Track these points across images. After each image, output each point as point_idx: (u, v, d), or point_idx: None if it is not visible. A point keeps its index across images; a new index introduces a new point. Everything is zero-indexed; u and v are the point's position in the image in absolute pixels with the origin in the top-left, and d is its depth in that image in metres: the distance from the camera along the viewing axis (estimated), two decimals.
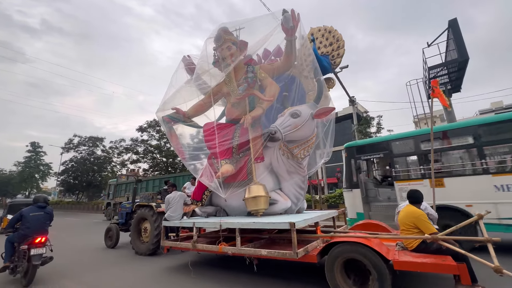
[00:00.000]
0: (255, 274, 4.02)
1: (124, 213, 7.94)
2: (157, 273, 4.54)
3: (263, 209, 4.42)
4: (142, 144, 26.97)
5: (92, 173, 35.58)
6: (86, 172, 35.03)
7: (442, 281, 3.49)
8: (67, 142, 36.17)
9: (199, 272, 4.33)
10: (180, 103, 5.65)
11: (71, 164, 35.18)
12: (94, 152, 36.43)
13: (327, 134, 4.61)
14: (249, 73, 5.16)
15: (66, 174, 35.29)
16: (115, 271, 4.83)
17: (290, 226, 3.20)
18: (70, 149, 35.75)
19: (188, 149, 5.52)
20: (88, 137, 36.26)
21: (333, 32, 6.08)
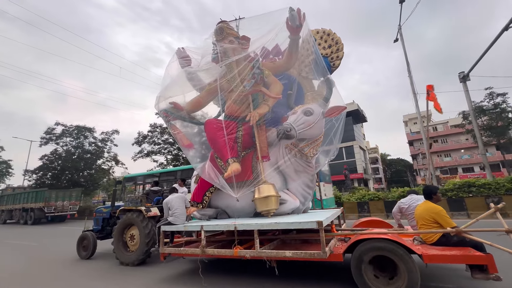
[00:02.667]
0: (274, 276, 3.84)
1: (100, 219, 7.13)
2: (160, 285, 4.09)
3: (274, 209, 4.27)
4: (160, 134, 23.03)
5: (77, 170, 28.42)
6: (71, 169, 27.87)
7: (449, 272, 3.70)
8: (46, 131, 28.31)
9: (209, 280, 3.99)
10: (177, 94, 5.24)
11: (52, 159, 27.68)
12: (83, 144, 29.45)
13: (336, 132, 4.64)
14: (256, 69, 4.99)
15: (42, 172, 27.81)
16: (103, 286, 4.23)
17: (318, 225, 3.11)
18: (51, 140, 28.20)
19: (195, 146, 5.13)
20: (74, 126, 29.17)
21: (332, 34, 6.21)
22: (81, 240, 6.75)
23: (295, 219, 3.57)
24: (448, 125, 42.46)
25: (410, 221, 4.17)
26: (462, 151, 39.21)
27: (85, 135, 29.62)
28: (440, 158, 40.44)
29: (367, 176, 39.50)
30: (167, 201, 4.67)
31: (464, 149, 39.06)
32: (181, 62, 5.74)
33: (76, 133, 29.05)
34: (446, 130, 41.78)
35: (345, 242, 3.92)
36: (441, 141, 42.26)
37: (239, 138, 5.09)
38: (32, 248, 8.84)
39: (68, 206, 20.56)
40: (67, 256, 6.93)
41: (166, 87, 5.38)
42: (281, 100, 5.44)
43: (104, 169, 30.38)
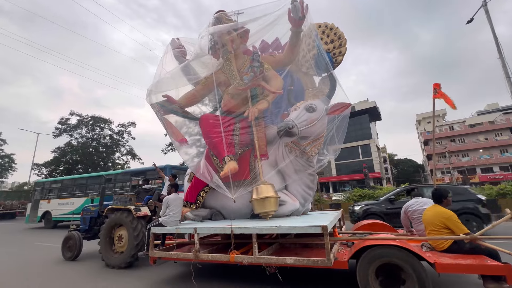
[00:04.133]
0: (272, 282, 3.59)
1: (87, 218, 6.75)
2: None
3: (273, 211, 4.01)
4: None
5: (93, 164, 25.69)
6: (87, 163, 25.30)
7: (458, 280, 3.51)
8: (60, 121, 25.70)
9: (202, 286, 3.71)
10: (171, 88, 4.91)
11: (66, 151, 25.20)
12: (99, 136, 26.97)
13: (339, 130, 4.41)
14: (255, 62, 4.70)
15: (54, 166, 25.22)
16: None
17: (323, 230, 2.86)
18: (64, 132, 25.73)
19: (190, 141, 4.82)
20: (90, 117, 26.47)
21: (335, 29, 5.96)
22: (66, 240, 6.36)
23: (296, 222, 3.32)
24: (466, 124, 41.85)
25: (416, 225, 3.97)
26: (481, 151, 38.52)
27: (101, 127, 27.17)
28: (457, 158, 39.71)
29: (382, 176, 39.02)
30: (168, 199, 4.31)
31: (483, 149, 38.29)
32: (175, 54, 5.41)
33: (92, 124, 26.59)
34: (464, 129, 41.08)
35: (348, 246, 3.70)
36: (459, 140, 41.47)
37: (237, 135, 4.81)
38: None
39: (17, 204, 22.26)
40: (50, 256, 6.54)
41: (159, 79, 5.05)
42: (281, 96, 5.19)
43: (119, 163, 28.03)
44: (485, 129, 39.40)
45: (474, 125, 41.15)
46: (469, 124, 41.39)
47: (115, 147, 27.40)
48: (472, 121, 42.07)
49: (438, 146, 40.12)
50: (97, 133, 26.97)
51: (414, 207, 4.01)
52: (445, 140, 41.75)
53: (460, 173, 36.66)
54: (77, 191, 13.27)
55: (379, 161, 38.76)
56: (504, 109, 40.99)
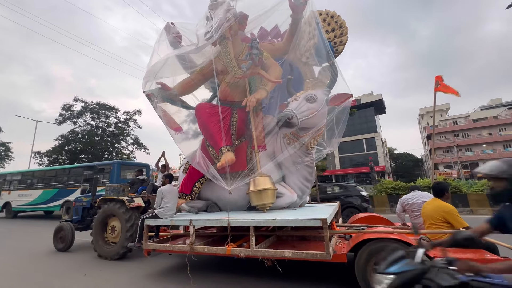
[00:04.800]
0: (269, 274, 3.55)
1: (80, 209, 6.61)
2: (142, 281, 3.71)
3: (270, 203, 3.94)
4: None
5: (100, 153, 24.02)
6: (94, 152, 23.50)
7: None
8: (63, 107, 23.84)
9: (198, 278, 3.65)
10: (166, 76, 4.71)
11: (70, 139, 23.54)
12: (107, 125, 25.24)
13: (339, 122, 4.31)
14: (254, 49, 4.52)
15: (56, 155, 23.51)
16: (80, 280, 3.81)
17: (322, 223, 2.79)
18: (67, 119, 23.89)
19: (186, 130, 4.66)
20: (95, 104, 24.77)
21: (336, 17, 5.76)
22: (58, 231, 6.22)
23: (295, 215, 3.24)
24: (470, 119, 41.68)
25: (413, 219, 3.95)
26: (484, 145, 38.53)
27: (107, 114, 25.49)
28: (461, 152, 39.53)
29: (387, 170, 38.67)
30: (163, 190, 4.19)
31: (486, 144, 38.22)
32: (170, 40, 5.17)
33: (97, 112, 24.98)
34: (469, 124, 41.00)
35: (345, 239, 3.67)
36: (463, 135, 41.29)
37: (234, 125, 4.67)
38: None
39: None
40: (42, 247, 6.42)
41: (154, 67, 4.82)
42: (279, 86, 5.04)
43: (124, 153, 26.51)
44: (489, 124, 39.31)
45: (477, 120, 41.06)
46: (473, 118, 41.24)
47: (121, 136, 25.97)
48: (476, 116, 41.82)
49: (445, 140, 40.13)
50: (103, 121, 25.45)
51: (412, 200, 3.98)
52: (449, 135, 41.70)
53: (463, 168, 36.71)
54: (35, 184, 13.83)
55: (384, 154, 38.49)
56: (508, 104, 41.21)
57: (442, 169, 39.28)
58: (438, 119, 45.19)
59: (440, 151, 41.90)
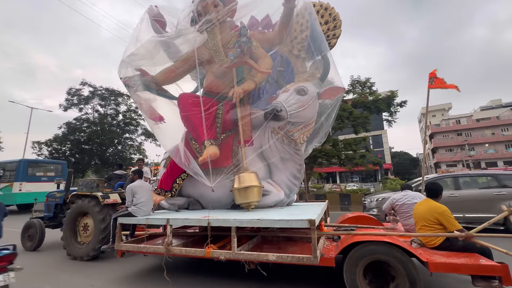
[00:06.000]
0: (253, 276, 3.30)
1: (52, 205, 6.12)
2: (118, 285, 3.38)
3: (255, 201, 3.68)
4: None
5: (109, 144, 21.90)
6: (103, 143, 21.46)
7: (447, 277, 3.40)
8: (69, 91, 21.44)
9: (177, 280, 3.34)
10: (147, 63, 4.35)
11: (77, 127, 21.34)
12: (118, 113, 22.97)
13: (330, 116, 4.09)
14: (243, 36, 4.22)
15: (57, 144, 20.99)
16: (47, 283, 3.44)
17: (310, 224, 2.56)
18: (73, 105, 21.50)
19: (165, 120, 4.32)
20: (104, 89, 22.22)
21: (330, 9, 5.54)
22: (27, 228, 5.75)
23: (281, 215, 3.01)
24: (473, 118, 41.92)
25: (403, 220, 3.80)
26: (486, 145, 38.78)
27: (117, 102, 23.15)
28: (464, 151, 39.31)
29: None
30: (132, 186, 3.83)
31: (489, 144, 38.46)
32: (153, 24, 4.78)
33: (107, 98, 22.62)
34: (472, 124, 41.28)
35: (333, 241, 3.48)
36: (465, 134, 41.29)
37: (219, 118, 4.37)
38: None
39: None
40: None
41: (134, 52, 4.44)
42: (269, 77, 4.78)
43: (132, 145, 24.53)
44: (492, 124, 39.82)
45: (479, 120, 41.43)
46: (476, 118, 41.67)
47: (131, 126, 23.90)
48: (480, 116, 42.31)
49: (448, 139, 40.26)
50: (113, 108, 23.10)
51: (402, 200, 3.83)
52: (452, 134, 42.12)
53: (466, 166, 36.67)
54: None
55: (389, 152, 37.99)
56: (508, 105, 42.30)
57: (445, 167, 39.17)
58: (440, 118, 45.88)
59: (442, 150, 42.25)
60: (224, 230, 3.36)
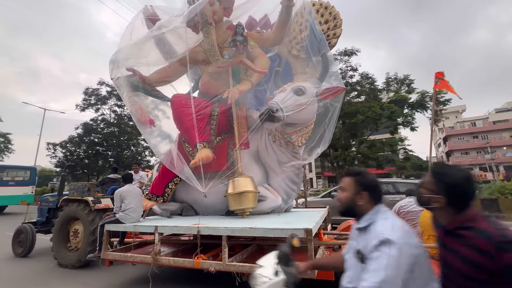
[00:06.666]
0: None
1: (45, 209, 5.97)
2: None
3: (250, 208, 3.47)
4: None
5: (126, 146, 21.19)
6: (118, 145, 20.98)
7: None
8: (86, 91, 20.93)
9: None
10: (140, 63, 4.19)
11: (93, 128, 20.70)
12: None
13: (331, 118, 3.89)
14: (238, 35, 4.06)
15: (72, 145, 20.24)
16: None
17: (307, 234, 2.34)
18: (89, 106, 20.96)
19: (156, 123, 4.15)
20: None
21: (330, 8, 5.37)
22: (17, 234, 5.58)
23: (276, 223, 2.79)
24: (489, 121, 40.67)
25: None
26: (504, 148, 37.64)
27: None
28: (480, 154, 38.03)
29: None
30: (121, 191, 3.64)
31: (507, 146, 37.25)
32: (147, 23, 4.65)
33: None
34: (489, 126, 39.92)
35: (333, 250, 3.24)
36: (482, 137, 39.98)
37: (214, 120, 4.19)
38: None
39: None
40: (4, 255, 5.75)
41: (126, 51, 4.30)
42: (267, 78, 4.60)
43: (149, 146, 23.76)
44: (510, 126, 38.46)
45: (495, 122, 40.19)
46: (493, 120, 40.36)
47: None
48: (496, 118, 41.09)
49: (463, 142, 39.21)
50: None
51: (408, 208, 3.58)
52: (467, 137, 40.98)
53: (481, 170, 35.71)
54: None
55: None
56: None
57: None
58: (454, 120, 44.83)
59: (458, 153, 41.07)
60: (217, 238, 3.16)
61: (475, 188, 1.07)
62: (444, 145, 44.09)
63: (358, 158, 13.95)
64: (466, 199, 1.05)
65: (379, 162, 14.37)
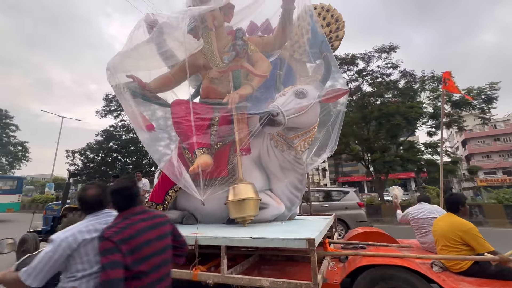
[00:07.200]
0: None
1: (50, 218, 5.97)
2: None
3: (252, 216, 3.33)
4: None
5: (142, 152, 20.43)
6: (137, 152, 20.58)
7: None
8: (106, 97, 20.66)
9: None
10: (141, 69, 4.19)
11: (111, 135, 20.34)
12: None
13: (335, 122, 3.75)
14: (238, 39, 4.02)
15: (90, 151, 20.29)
16: None
17: (309, 244, 2.19)
18: (110, 112, 20.65)
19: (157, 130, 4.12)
20: None
21: (332, 11, 5.31)
22: (22, 243, 5.55)
23: (277, 232, 2.64)
24: (511, 123, 38.93)
25: (420, 236, 3.35)
26: None
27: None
28: (504, 158, 36.78)
29: None
30: None
31: None
32: (149, 31, 4.67)
33: None
34: (511, 128, 38.30)
35: (340, 261, 3.06)
36: (504, 139, 38.46)
37: (215, 125, 4.12)
38: None
39: None
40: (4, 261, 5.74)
41: (127, 57, 4.30)
42: (268, 82, 4.52)
43: None
44: None
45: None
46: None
47: None
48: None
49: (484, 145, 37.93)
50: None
51: (419, 215, 3.39)
52: (488, 139, 39.48)
53: (505, 174, 34.36)
54: None
55: None
56: None
57: (483, 175, 35.64)
58: (472, 123, 43.51)
59: (478, 156, 39.46)
60: (217, 247, 3.03)
61: None
62: (463, 148, 42.27)
63: (396, 162, 13.26)
64: None
65: (420, 166, 13.68)
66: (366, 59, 15.50)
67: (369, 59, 15.40)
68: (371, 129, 15.59)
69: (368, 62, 15.57)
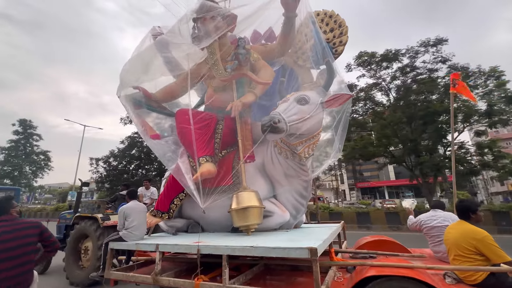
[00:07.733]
0: None
1: (63, 226, 6.11)
2: None
3: (255, 224, 3.28)
4: None
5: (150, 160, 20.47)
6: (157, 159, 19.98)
7: None
8: None
9: None
10: (148, 80, 4.30)
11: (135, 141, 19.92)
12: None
13: (338, 127, 3.69)
14: (240, 48, 4.06)
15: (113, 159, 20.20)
16: None
17: (311, 254, 2.12)
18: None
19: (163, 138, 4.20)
20: None
21: (335, 16, 5.31)
22: None
23: (279, 241, 2.59)
24: None
25: (433, 245, 3.18)
26: None
27: None
28: None
29: None
30: (124, 209, 3.61)
31: None
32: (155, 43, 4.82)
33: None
34: None
35: (347, 271, 2.94)
36: None
37: (219, 133, 4.14)
38: None
39: None
40: None
41: (135, 70, 4.44)
42: (272, 89, 4.53)
43: None
44: None
45: None
46: None
47: None
48: None
49: None
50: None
51: (432, 222, 3.23)
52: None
53: None
54: None
55: None
56: None
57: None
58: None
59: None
60: (219, 257, 3.00)
61: None
62: None
63: (446, 164, 12.54)
64: None
65: (472, 169, 12.88)
66: (412, 54, 14.44)
67: (416, 53, 14.33)
68: (415, 130, 14.46)
69: (414, 58, 14.50)
